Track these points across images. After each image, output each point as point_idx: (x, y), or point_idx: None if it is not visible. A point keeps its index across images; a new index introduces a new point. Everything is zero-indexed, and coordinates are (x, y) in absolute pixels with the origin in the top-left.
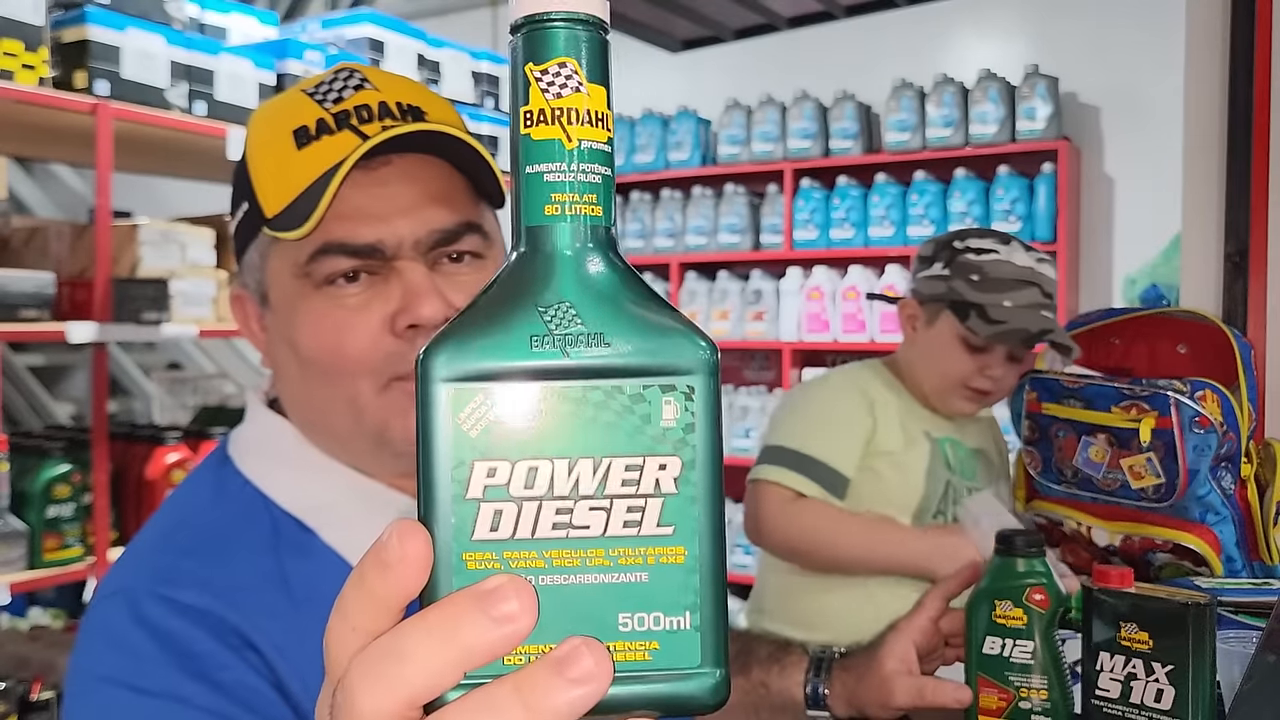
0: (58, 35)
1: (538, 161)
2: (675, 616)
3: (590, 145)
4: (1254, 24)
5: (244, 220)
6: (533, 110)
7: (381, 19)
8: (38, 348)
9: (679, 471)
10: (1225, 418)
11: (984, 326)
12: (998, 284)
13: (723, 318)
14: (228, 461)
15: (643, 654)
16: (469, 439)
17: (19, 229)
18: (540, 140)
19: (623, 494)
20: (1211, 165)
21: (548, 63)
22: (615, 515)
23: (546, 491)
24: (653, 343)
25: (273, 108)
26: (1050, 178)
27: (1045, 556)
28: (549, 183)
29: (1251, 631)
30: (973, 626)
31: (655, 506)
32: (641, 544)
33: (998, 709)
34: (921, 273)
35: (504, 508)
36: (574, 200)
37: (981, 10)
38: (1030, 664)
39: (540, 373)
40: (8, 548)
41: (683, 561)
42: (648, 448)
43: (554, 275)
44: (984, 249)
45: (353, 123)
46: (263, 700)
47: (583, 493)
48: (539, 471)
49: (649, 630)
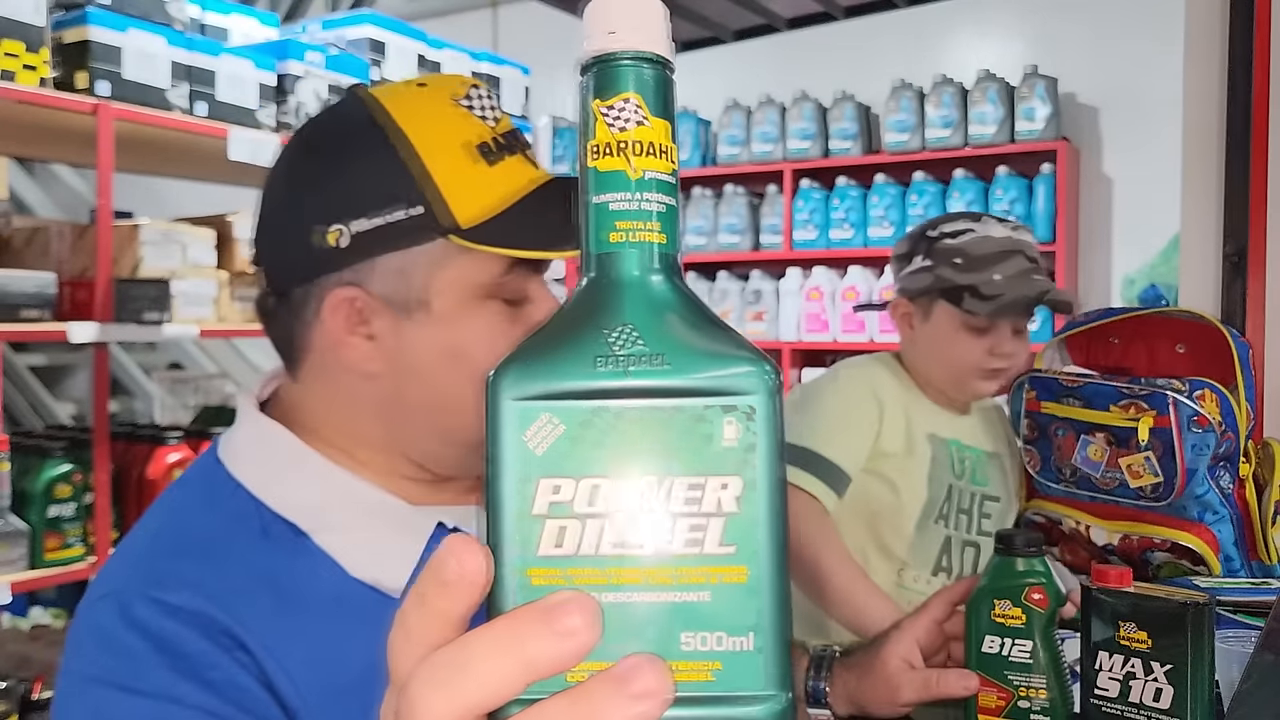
0: (59, 36)
1: (603, 192)
2: (738, 637)
3: (654, 176)
4: (1253, 25)
5: (403, 224)
6: (599, 144)
7: (382, 20)
8: (39, 347)
9: (740, 491)
10: (1224, 417)
11: (981, 305)
12: (982, 260)
13: (722, 318)
14: (218, 465)
15: (705, 674)
16: (535, 456)
17: (20, 229)
18: (606, 172)
19: (685, 512)
20: (1210, 166)
21: (613, 99)
22: (677, 534)
23: (610, 509)
24: (714, 364)
25: (432, 115)
26: (1049, 178)
27: (1044, 556)
28: (614, 211)
29: (1250, 631)
30: (972, 625)
31: (717, 526)
32: (703, 563)
33: (997, 708)
34: (904, 270)
35: (568, 525)
36: (638, 228)
37: (980, 11)
38: (1029, 663)
39: (603, 392)
40: (9, 547)
41: (745, 582)
42: (710, 467)
43: (618, 299)
44: (959, 230)
45: (516, 147)
46: (253, 700)
47: (645, 511)
48: (602, 489)
49: (711, 650)
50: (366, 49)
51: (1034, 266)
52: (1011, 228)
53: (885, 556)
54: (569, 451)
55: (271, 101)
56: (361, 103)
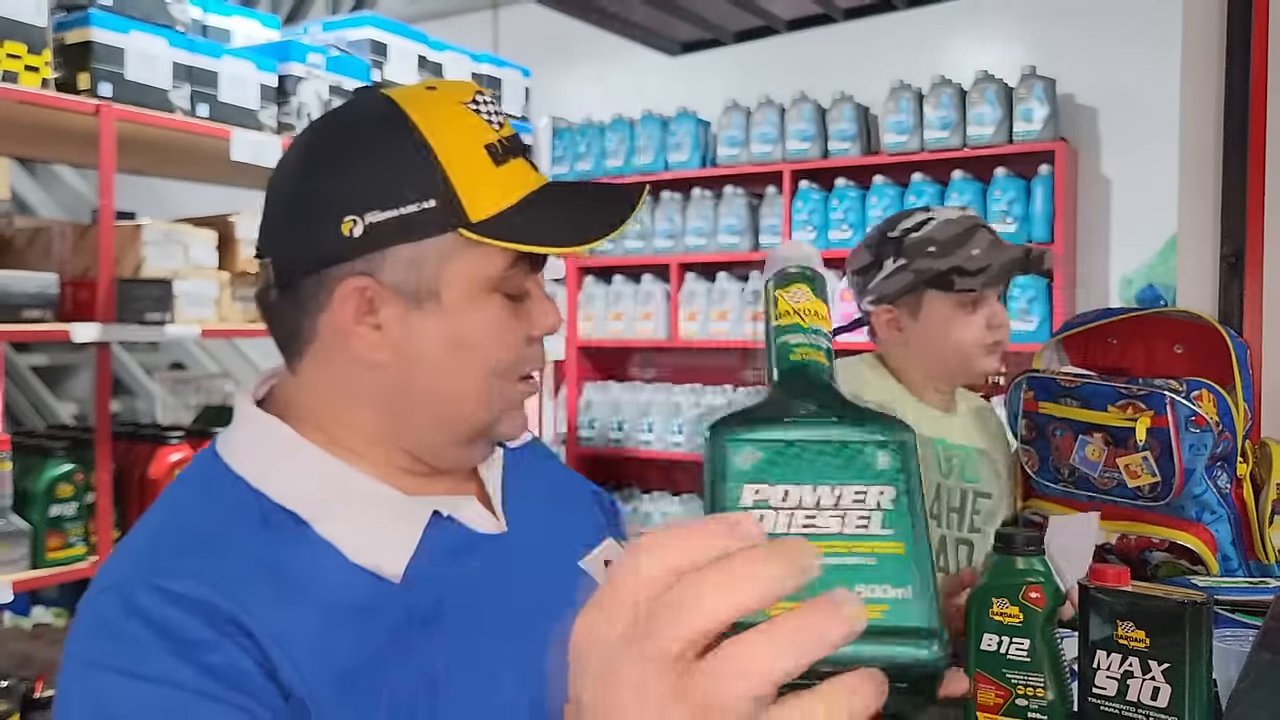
0: (61, 37)
1: (786, 335)
2: (899, 589)
3: (815, 326)
4: (1250, 26)
5: (418, 217)
6: (781, 311)
7: (383, 22)
8: (41, 347)
9: (894, 496)
10: (1221, 417)
11: (973, 280)
12: (954, 241)
13: (722, 318)
14: (217, 460)
15: (878, 613)
16: (743, 470)
17: (22, 229)
18: (787, 324)
19: (853, 508)
20: (1208, 166)
21: (788, 288)
22: (849, 521)
23: (797, 505)
24: (870, 423)
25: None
26: (1047, 179)
27: (1043, 555)
28: (793, 344)
29: (1248, 630)
30: (971, 623)
31: (879, 517)
32: (869, 540)
33: (995, 705)
34: (875, 279)
35: (766, 514)
36: (808, 355)
37: (979, 12)
38: (1027, 661)
39: (792, 435)
40: (11, 547)
41: (901, 554)
42: (871, 480)
43: (800, 389)
44: (920, 223)
45: (519, 151)
46: (255, 685)
47: (823, 506)
48: (790, 492)
49: (879, 597)
50: (367, 50)
51: (997, 236)
52: (960, 209)
53: None
54: (766, 470)
55: (273, 103)
56: (377, 100)
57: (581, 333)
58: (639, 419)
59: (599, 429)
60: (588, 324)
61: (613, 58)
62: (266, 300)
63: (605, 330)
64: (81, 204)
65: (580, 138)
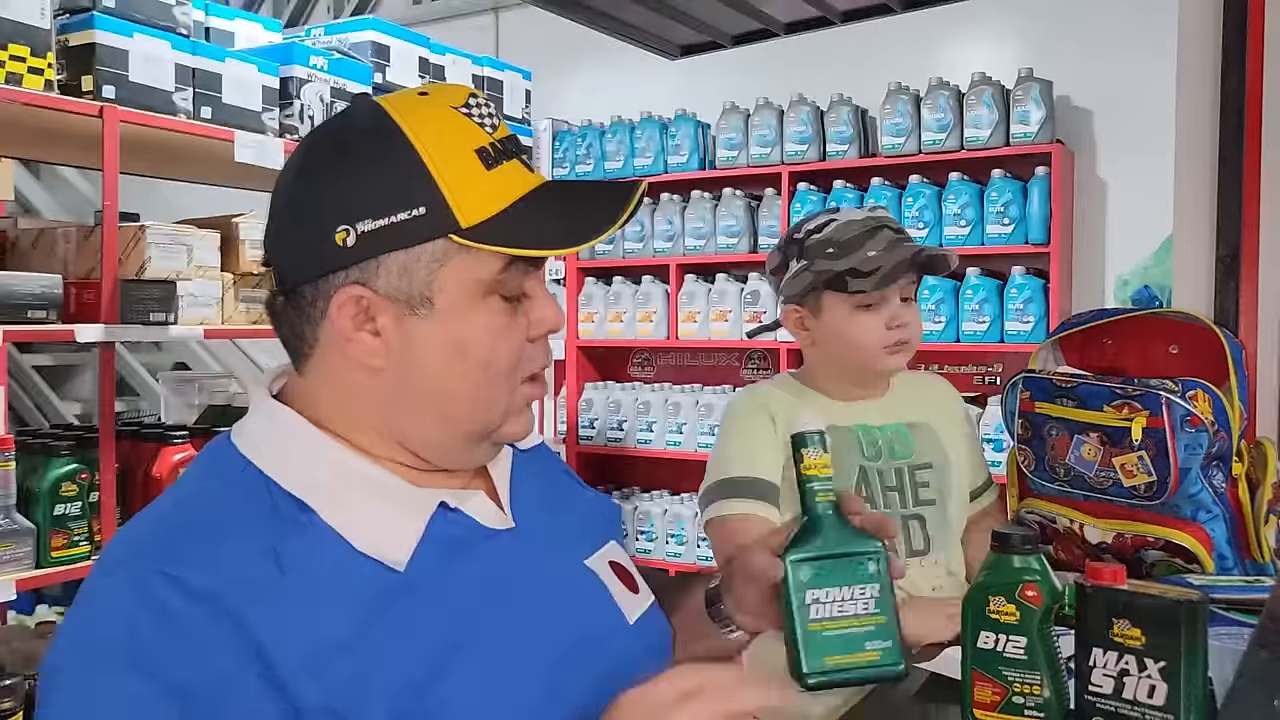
0: (64, 40)
1: (810, 483)
2: (885, 642)
3: (826, 475)
4: (1246, 29)
5: (408, 224)
6: (806, 465)
7: (385, 25)
8: (44, 348)
9: (879, 588)
10: (1216, 417)
11: (865, 281)
12: (852, 243)
13: (721, 319)
14: (231, 447)
15: (876, 655)
16: (802, 580)
17: (27, 231)
18: (809, 475)
19: (860, 598)
20: (1203, 168)
21: (808, 447)
22: (859, 604)
23: (833, 598)
24: (866, 541)
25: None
26: (1044, 180)
27: (1040, 554)
28: (816, 490)
29: (1243, 629)
30: (968, 620)
31: (873, 602)
32: (870, 617)
33: (992, 703)
34: (784, 280)
35: (815, 607)
36: (824, 496)
37: (976, 15)
38: (1024, 659)
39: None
40: (15, 545)
41: (884, 622)
42: (868, 581)
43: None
44: (822, 224)
45: (514, 153)
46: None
47: (846, 599)
48: (832, 591)
49: (878, 647)
50: (369, 53)
51: (902, 236)
52: (869, 210)
53: None
54: (815, 579)
55: (275, 105)
56: (368, 109)
57: (581, 333)
58: (639, 419)
59: (599, 429)
60: (588, 325)
61: (612, 61)
62: (275, 306)
63: (605, 331)
64: (85, 205)
65: (580, 140)
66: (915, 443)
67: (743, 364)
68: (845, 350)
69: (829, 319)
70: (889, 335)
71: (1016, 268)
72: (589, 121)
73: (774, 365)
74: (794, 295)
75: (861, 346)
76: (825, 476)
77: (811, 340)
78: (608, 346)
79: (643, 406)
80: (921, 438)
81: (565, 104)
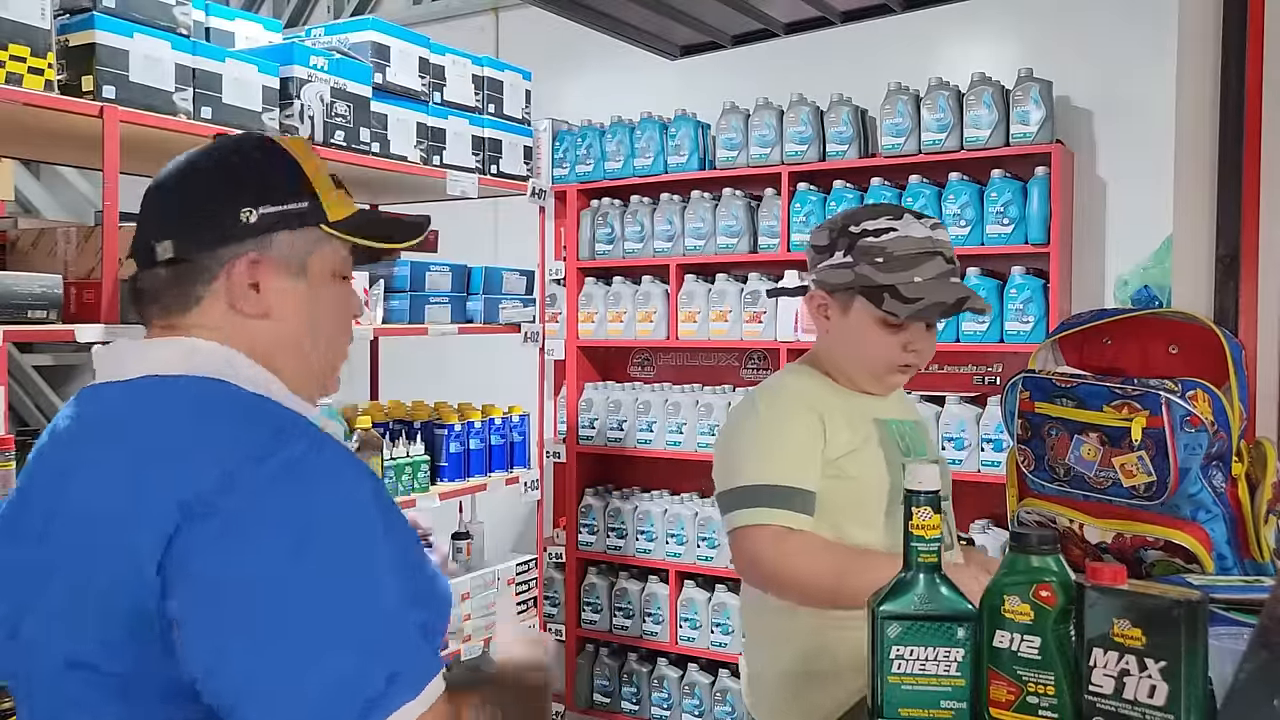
0: (65, 40)
1: (915, 542)
2: (960, 704)
3: (933, 538)
4: (1245, 29)
5: (296, 211)
6: (915, 524)
7: (385, 25)
8: (44, 348)
9: (964, 652)
10: (1216, 417)
11: (901, 306)
12: (903, 261)
13: (721, 319)
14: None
15: (949, 714)
16: (890, 637)
17: (27, 231)
18: (916, 534)
19: (944, 659)
20: (1203, 168)
21: (921, 508)
22: (942, 665)
23: (917, 656)
24: (961, 606)
25: (302, 148)
26: (1043, 181)
27: (1057, 555)
28: (920, 549)
29: (1243, 628)
30: (984, 620)
31: (956, 665)
32: (951, 678)
33: (1007, 701)
34: (822, 262)
35: (899, 662)
36: (928, 557)
37: (975, 15)
38: (1038, 659)
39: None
40: None
41: (963, 684)
42: (954, 645)
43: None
44: (881, 229)
45: (343, 186)
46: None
47: (931, 657)
48: (917, 650)
49: (951, 706)
50: (369, 54)
51: (952, 269)
52: (930, 226)
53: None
54: (902, 636)
55: (275, 106)
56: (260, 137)
57: (581, 333)
58: (639, 419)
59: (599, 429)
60: (588, 325)
61: (612, 61)
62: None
63: (605, 331)
64: (85, 205)
65: (580, 140)
66: (925, 441)
67: (742, 364)
68: (855, 353)
69: (854, 321)
70: (902, 356)
71: (1016, 268)
72: (589, 121)
73: (773, 365)
74: (826, 284)
75: (873, 359)
76: (932, 538)
77: (827, 330)
78: (607, 346)
79: (643, 406)
80: (925, 435)
81: (565, 104)
